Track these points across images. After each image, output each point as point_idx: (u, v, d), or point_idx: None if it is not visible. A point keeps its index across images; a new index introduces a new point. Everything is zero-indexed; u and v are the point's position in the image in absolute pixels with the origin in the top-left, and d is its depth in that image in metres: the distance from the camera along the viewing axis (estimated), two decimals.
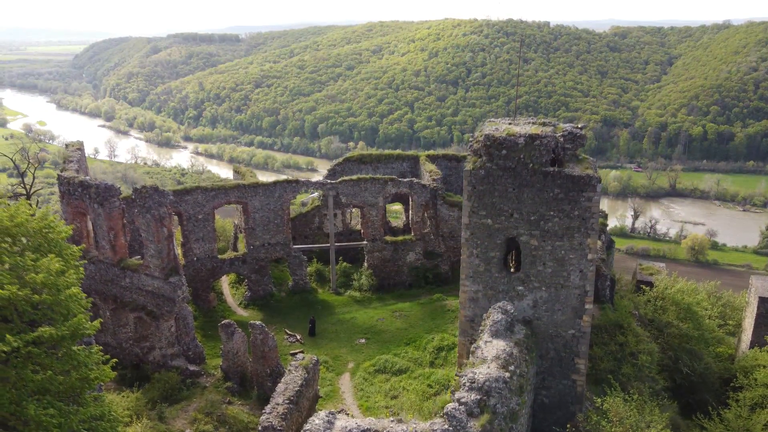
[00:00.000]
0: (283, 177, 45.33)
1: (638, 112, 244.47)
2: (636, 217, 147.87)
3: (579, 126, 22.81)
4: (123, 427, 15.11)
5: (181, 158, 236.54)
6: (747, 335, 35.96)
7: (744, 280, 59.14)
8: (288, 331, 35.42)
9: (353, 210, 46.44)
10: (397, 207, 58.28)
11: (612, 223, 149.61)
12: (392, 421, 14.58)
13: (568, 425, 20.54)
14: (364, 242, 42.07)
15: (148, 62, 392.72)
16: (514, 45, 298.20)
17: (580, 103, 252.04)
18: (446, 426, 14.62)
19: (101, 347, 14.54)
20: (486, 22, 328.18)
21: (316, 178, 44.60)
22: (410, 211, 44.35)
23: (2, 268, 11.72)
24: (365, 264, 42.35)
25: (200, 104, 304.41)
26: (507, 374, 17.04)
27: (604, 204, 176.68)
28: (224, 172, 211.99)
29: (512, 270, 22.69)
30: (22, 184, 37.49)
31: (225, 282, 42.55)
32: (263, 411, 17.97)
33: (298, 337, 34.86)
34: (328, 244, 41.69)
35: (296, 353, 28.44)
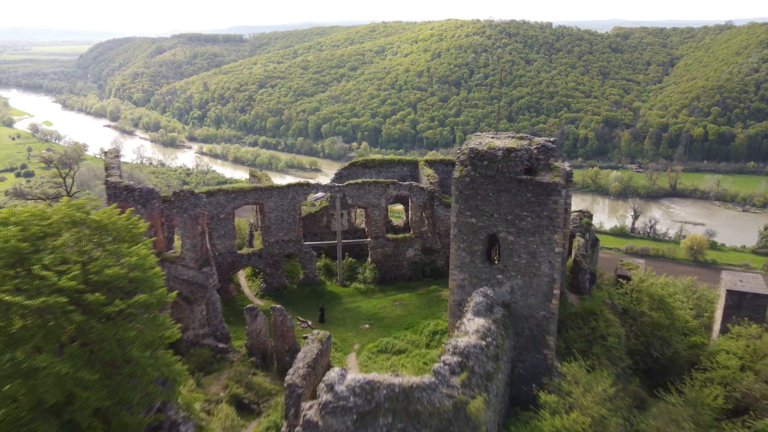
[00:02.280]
0: (287, 177, 49.12)
1: (640, 113, 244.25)
2: (636, 217, 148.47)
3: (551, 140, 26.82)
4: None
5: (186, 158, 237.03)
6: (717, 325, 39.39)
7: None
8: (300, 318, 38.83)
9: (358, 210, 49.95)
10: (398, 207, 62.05)
11: (612, 223, 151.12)
12: (391, 375, 18.63)
13: (534, 386, 24.56)
14: (368, 239, 45.22)
15: (153, 62, 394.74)
16: (517, 46, 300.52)
17: (581, 104, 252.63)
18: (433, 380, 18.68)
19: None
20: (489, 23, 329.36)
21: (320, 177, 48.22)
22: (410, 212, 47.35)
23: (105, 253, 15.92)
24: (369, 259, 45.51)
25: (204, 104, 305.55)
26: (484, 343, 21.10)
27: (605, 204, 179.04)
28: (228, 172, 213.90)
29: (494, 261, 26.60)
30: (63, 186, 41.84)
31: (242, 275, 46.05)
32: (287, 373, 22.07)
33: (310, 323, 38.36)
34: (336, 241, 45.00)
35: (308, 336, 32.54)
